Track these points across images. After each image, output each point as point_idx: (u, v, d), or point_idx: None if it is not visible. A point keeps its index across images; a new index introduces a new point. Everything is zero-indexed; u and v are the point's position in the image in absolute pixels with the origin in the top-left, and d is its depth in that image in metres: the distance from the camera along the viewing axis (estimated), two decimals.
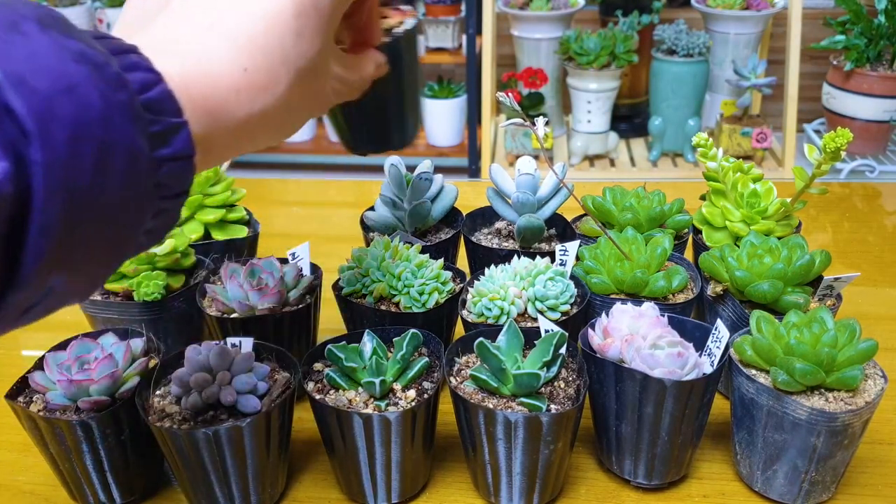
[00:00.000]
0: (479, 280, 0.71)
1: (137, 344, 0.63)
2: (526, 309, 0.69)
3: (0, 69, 0.25)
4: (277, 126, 0.39)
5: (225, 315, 0.70)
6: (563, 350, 0.60)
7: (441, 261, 0.73)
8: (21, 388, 0.61)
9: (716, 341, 0.61)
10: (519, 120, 0.69)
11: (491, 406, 0.57)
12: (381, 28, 0.49)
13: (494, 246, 0.82)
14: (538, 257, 0.72)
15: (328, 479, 0.65)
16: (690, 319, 0.65)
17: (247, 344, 0.62)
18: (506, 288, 0.68)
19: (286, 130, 0.40)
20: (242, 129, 0.36)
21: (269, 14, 0.36)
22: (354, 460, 0.59)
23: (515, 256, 0.73)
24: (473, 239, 0.83)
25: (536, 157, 1.90)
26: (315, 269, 0.76)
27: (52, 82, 0.26)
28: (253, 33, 0.35)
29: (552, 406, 0.58)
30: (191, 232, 0.81)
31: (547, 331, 0.62)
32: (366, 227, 0.86)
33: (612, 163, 2.33)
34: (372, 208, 0.86)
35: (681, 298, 0.72)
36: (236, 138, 0.36)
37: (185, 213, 0.80)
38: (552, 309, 0.68)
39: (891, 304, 0.92)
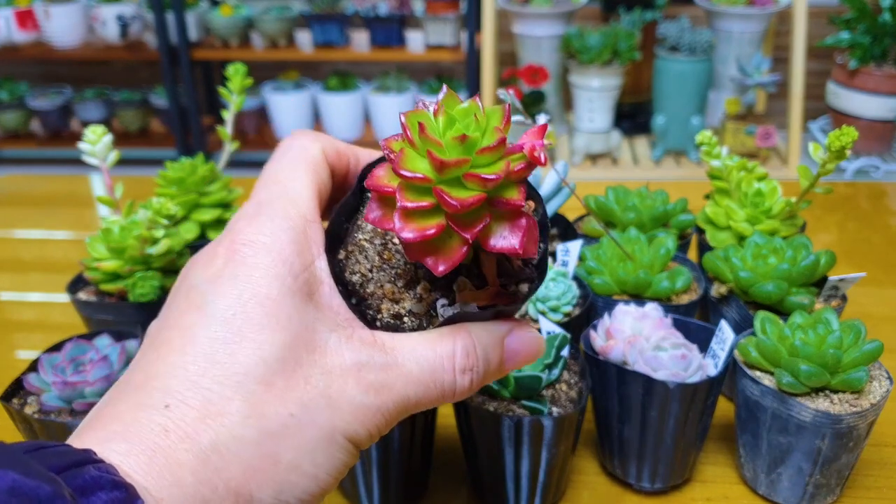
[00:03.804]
0: None
1: (132, 345, 0.62)
2: (527, 310, 0.68)
3: None
4: None
5: None
6: (564, 352, 0.60)
7: None
8: (16, 390, 0.60)
9: (720, 343, 0.60)
10: (520, 118, 0.68)
11: (491, 409, 0.56)
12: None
13: None
14: None
15: None
16: (694, 321, 0.64)
17: None
18: None
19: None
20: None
21: None
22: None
23: None
24: None
25: None
26: None
27: None
28: None
29: (554, 409, 0.57)
30: (186, 232, 0.80)
31: (549, 332, 0.61)
32: None
33: (615, 161, 2.32)
34: None
35: (684, 299, 0.71)
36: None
37: (180, 212, 0.79)
38: (554, 310, 0.67)
39: None
